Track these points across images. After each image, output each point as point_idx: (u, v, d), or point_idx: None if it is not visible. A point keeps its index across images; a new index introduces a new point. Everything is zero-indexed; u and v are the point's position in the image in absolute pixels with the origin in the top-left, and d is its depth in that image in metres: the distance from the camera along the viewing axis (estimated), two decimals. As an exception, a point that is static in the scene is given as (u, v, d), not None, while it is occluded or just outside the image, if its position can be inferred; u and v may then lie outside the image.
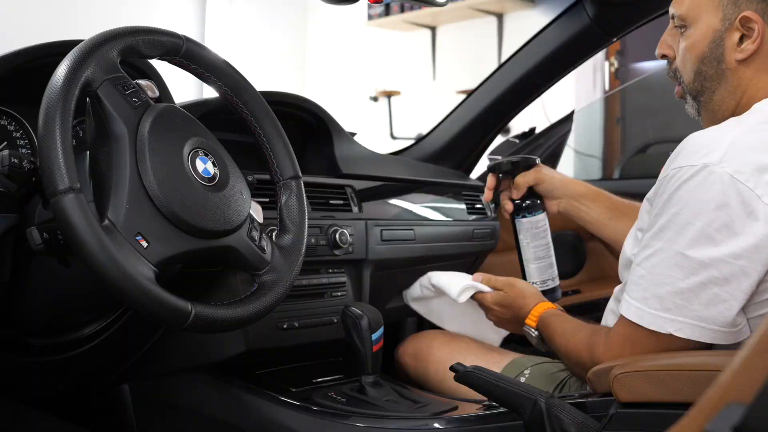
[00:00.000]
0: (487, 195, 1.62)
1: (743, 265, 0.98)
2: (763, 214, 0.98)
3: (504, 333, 1.57)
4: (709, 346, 1.03)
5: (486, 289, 1.43)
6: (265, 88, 1.32)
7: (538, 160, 1.58)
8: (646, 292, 1.05)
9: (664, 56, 1.21)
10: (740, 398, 0.49)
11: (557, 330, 1.27)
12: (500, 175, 1.58)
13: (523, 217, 1.53)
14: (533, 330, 1.34)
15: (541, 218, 1.54)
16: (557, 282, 1.56)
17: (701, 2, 1.13)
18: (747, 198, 0.98)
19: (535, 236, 1.53)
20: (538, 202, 1.54)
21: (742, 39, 1.10)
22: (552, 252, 1.56)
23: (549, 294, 1.52)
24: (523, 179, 1.53)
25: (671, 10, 1.18)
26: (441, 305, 1.59)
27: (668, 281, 1.03)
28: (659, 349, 1.05)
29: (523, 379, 1.33)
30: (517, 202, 1.54)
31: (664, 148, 3.37)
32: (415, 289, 1.62)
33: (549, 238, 1.55)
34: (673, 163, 1.05)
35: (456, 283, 1.46)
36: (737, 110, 1.14)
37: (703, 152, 1.02)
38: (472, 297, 1.45)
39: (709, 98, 1.15)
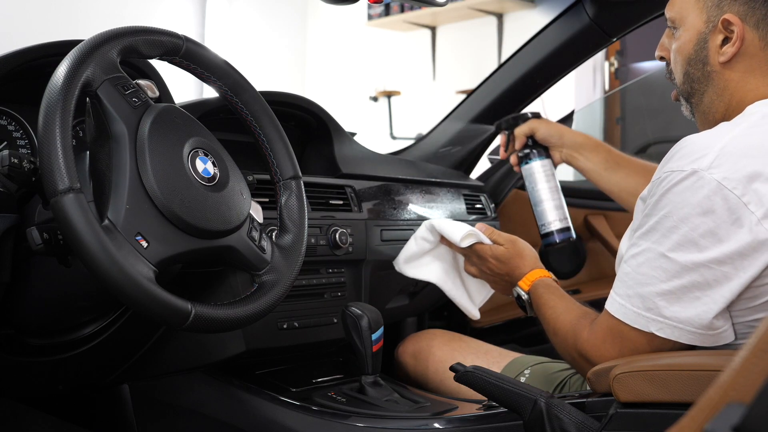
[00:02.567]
0: (502, 153, 1.71)
1: (726, 271, 0.98)
2: (748, 222, 0.97)
3: (487, 296, 1.57)
4: (689, 347, 1.04)
5: (488, 240, 1.43)
6: (265, 88, 1.32)
7: (540, 114, 1.68)
8: (630, 290, 1.06)
9: (662, 58, 1.23)
10: (740, 398, 0.49)
11: (548, 303, 1.26)
12: (506, 131, 1.70)
13: (525, 164, 1.63)
14: (524, 293, 1.34)
15: (543, 163, 1.63)
16: (569, 223, 1.61)
17: (688, 4, 1.14)
18: (733, 205, 0.97)
19: (537, 181, 1.62)
20: (539, 149, 1.63)
21: (725, 41, 1.11)
22: (560, 195, 1.63)
23: (563, 233, 1.58)
24: (520, 130, 1.64)
25: (665, 12, 1.19)
26: (436, 257, 1.53)
27: (651, 282, 1.04)
28: (640, 344, 1.06)
29: (523, 379, 1.33)
30: (519, 153, 1.64)
31: (664, 148, 3.36)
32: (410, 246, 1.52)
33: (554, 183, 1.63)
34: (665, 167, 1.05)
35: (459, 229, 1.45)
36: (728, 112, 1.13)
37: (694, 157, 1.01)
38: (472, 246, 1.44)
39: (699, 100, 1.16)
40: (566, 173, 2.96)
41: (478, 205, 1.92)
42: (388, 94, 4.99)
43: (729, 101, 1.13)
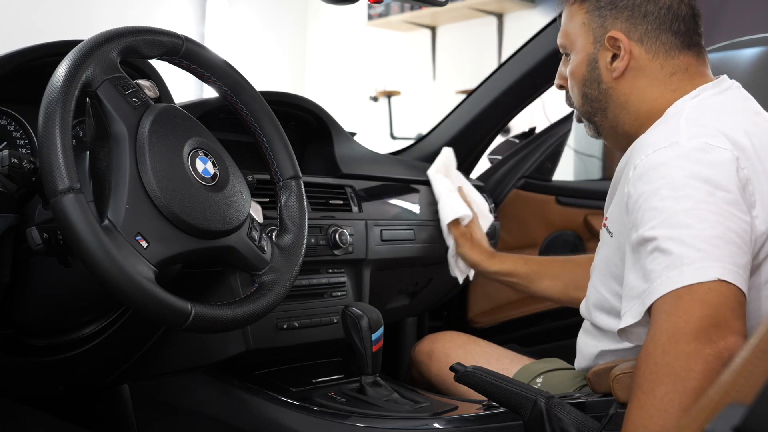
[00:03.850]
0: None
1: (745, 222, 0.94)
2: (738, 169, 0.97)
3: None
4: (742, 310, 0.90)
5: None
6: (265, 88, 1.32)
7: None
8: (670, 257, 0.92)
9: (561, 87, 1.25)
10: (741, 399, 0.49)
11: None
12: None
13: None
14: None
15: None
16: None
17: (575, 28, 1.19)
18: (728, 158, 0.96)
19: None
20: None
21: (615, 58, 1.14)
22: None
23: None
24: None
25: (557, 40, 1.24)
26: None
27: (693, 233, 0.91)
28: (703, 316, 0.88)
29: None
30: None
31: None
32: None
33: None
34: (636, 159, 1.02)
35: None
36: (639, 122, 1.14)
37: (665, 140, 1.00)
38: None
39: (603, 117, 1.19)
40: (566, 173, 2.97)
41: (478, 205, 1.92)
42: (388, 94, 4.98)
43: (636, 112, 1.14)
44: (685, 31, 1.13)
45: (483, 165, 2.17)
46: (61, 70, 0.98)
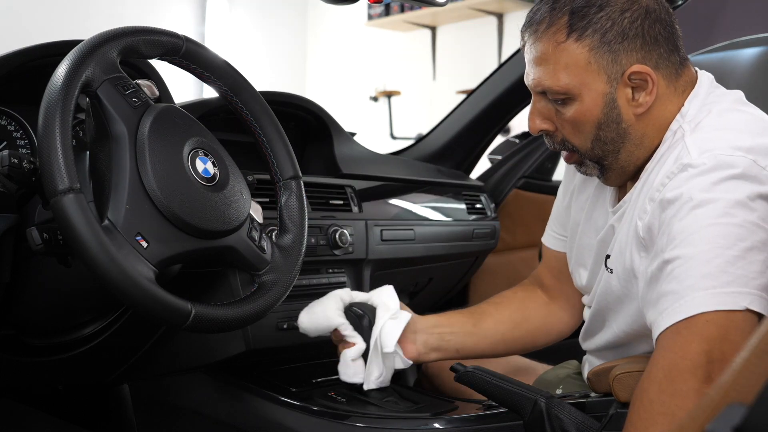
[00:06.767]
0: None
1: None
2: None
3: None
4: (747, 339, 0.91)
5: None
6: (265, 88, 1.32)
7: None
8: (688, 280, 0.89)
9: (545, 131, 1.14)
10: (741, 399, 0.49)
11: None
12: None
13: None
14: None
15: None
16: None
17: (579, 71, 1.06)
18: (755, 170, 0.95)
19: None
20: None
21: (634, 90, 1.07)
22: None
23: None
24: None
25: (541, 86, 1.09)
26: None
27: (716, 253, 0.89)
28: (701, 351, 0.85)
29: None
30: None
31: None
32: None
33: None
34: (654, 192, 1.02)
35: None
36: (651, 151, 1.10)
37: (676, 165, 1.00)
38: None
39: (615, 159, 1.11)
40: (559, 173, 2.96)
41: (478, 205, 1.92)
42: (388, 94, 4.99)
43: (651, 144, 1.09)
44: (680, 43, 1.09)
45: (483, 165, 2.17)
46: (61, 70, 0.98)
